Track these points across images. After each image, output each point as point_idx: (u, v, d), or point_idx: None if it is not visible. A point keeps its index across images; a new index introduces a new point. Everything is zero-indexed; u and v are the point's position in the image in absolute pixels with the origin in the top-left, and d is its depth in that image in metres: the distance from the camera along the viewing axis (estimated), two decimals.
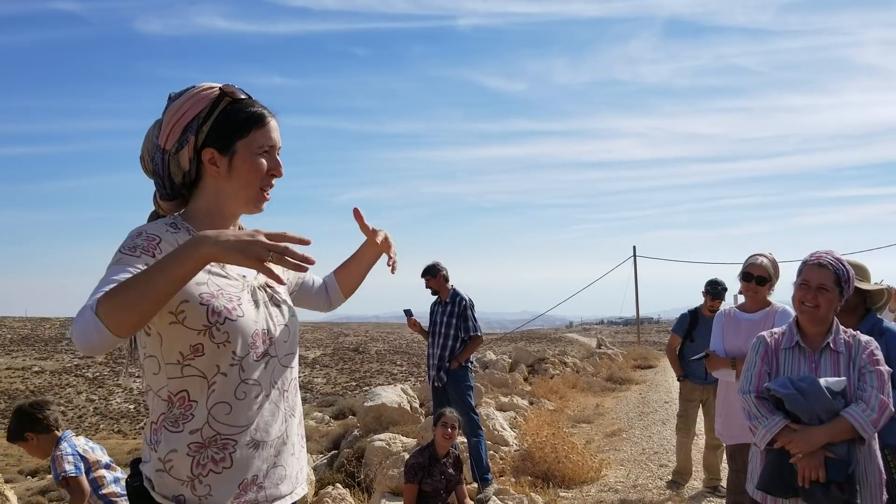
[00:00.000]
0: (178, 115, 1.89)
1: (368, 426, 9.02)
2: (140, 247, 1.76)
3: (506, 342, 35.78)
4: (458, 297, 6.92)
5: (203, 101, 1.89)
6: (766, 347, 3.18)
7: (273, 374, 1.90)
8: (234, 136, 1.90)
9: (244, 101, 1.93)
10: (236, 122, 1.90)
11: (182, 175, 1.93)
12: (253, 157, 1.91)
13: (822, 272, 3.05)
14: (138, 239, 1.79)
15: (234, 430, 1.82)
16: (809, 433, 2.88)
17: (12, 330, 47.80)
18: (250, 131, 1.91)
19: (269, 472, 1.88)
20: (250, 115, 1.92)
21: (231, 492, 1.80)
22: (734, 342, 4.43)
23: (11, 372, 38.28)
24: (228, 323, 1.80)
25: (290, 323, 2.00)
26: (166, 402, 1.81)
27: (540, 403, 12.27)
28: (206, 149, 1.89)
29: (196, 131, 1.88)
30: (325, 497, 6.13)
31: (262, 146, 1.92)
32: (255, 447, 1.85)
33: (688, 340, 6.94)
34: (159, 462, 1.79)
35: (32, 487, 16.14)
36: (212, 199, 1.94)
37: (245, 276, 1.93)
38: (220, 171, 1.90)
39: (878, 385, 2.93)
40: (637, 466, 7.93)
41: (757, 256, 4.47)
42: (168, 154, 1.90)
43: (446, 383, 6.77)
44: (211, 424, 1.79)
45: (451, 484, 5.25)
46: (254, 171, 1.91)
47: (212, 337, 1.78)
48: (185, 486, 1.78)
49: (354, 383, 34.56)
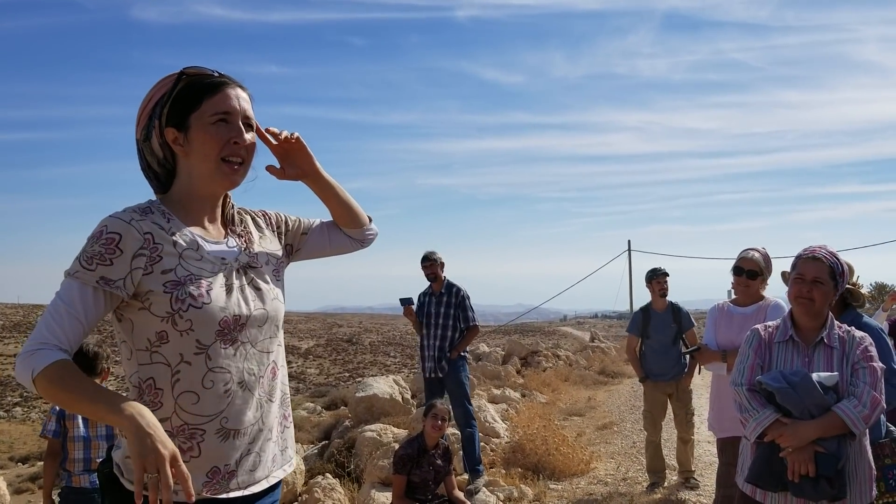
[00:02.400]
0: (143, 104, 1.89)
1: (360, 417, 9.02)
2: (97, 256, 1.73)
3: (499, 335, 35.83)
4: (454, 287, 6.89)
5: (165, 85, 1.87)
6: (759, 340, 3.16)
7: (246, 361, 1.86)
8: (187, 110, 1.85)
9: (203, 76, 1.88)
10: (189, 96, 1.85)
11: (158, 163, 1.91)
12: (206, 127, 1.84)
13: (818, 265, 3.04)
14: (97, 244, 1.74)
15: (202, 420, 1.79)
16: (799, 427, 2.86)
17: (4, 316, 47.66)
18: (201, 102, 1.85)
19: (242, 459, 1.85)
20: (202, 86, 1.86)
21: (199, 481, 1.78)
22: (726, 335, 4.42)
23: (4, 358, 38.17)
24: (192, 311, 1.76)
25: (271, 307, 1.94)
26: (136, 388, 1.80)
27: (532, 396, 12.29)
28: (168, 129, 1.86)
29: (159, 115, 1.86)
30: (315, 487, 6.12)
31: (215, 113, 1.85)
32: (226, 436, 1.82)
33: (644, 337, 6.94)
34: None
35: (23, 474, 16.10)
36: (184, 181, 1.91)
37: (224, 259, 1.89)
38: (184, 150, 1.87)
39: (870, 381, 2.91)
40: (627, 459, 7.94)
41: (748, 251, 4.46)
42: (140, 144, 1.90)
43: (445, 374, 6.74)
44: (178, 414, 1.77)
45: (440, 475, 5.24)
46: (208, 140, 1.84)
47: (174, 324, 1.76)
48: None
49: (348, 374, 34.58)
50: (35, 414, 31.79)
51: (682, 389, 6.81)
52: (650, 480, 6.83)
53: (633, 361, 7.11)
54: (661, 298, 6.93)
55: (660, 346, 6.77)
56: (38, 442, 24.87)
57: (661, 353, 6.74)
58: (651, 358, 6.86)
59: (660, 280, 6.94)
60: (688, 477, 6.76)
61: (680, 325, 6.81)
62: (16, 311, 50.34)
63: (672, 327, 6.80)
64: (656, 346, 6.79)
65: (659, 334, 6.79)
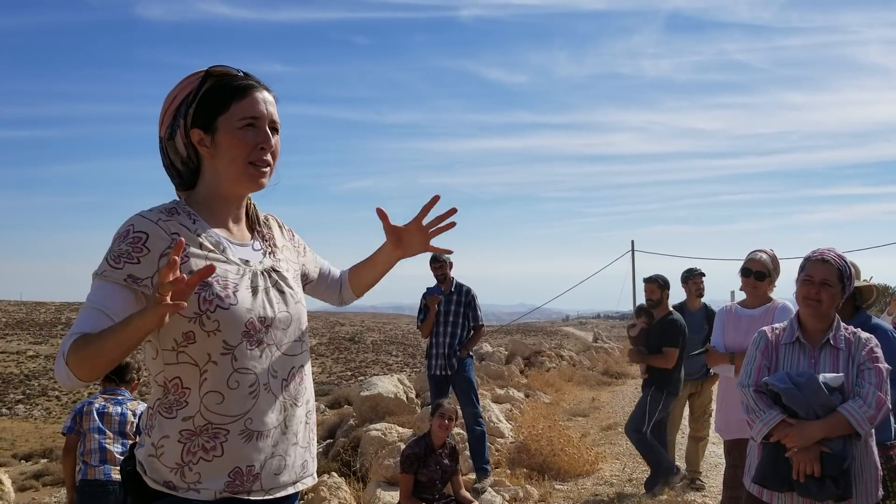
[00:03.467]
0: (168, 101, 1.89)
1: (364, 416, 9.03)
2: (124, 255, 1.74)
3: (502, 334, 35.85)
4: (463, 287, 6.93)
5: (191, 84, 1.87)
6: (766, 342, 3.19)
7: (271, 363, 1.86)
8: (214, 112, 1.85)
9: (230, 77, 1.88)
10: (217, 99, 1.85)
11: (181, 161, 1.91)
12: (234, 132, 1.84)
13: (826, 267, 3.07)
14: (124, 243, 1.76)
15: (226, 420, 1.79)
16: (805, 428, 2.89)
17: (7, 314, 47.75)
18: (230, 105, 1.84)
19: (266, 462, 1.84)
20: (230, 89, 1.86)
21: (221, 480, 1.78)
22: (734, 337, 4.43)
23: (6, 356, 38.27)
24: (219, 311, 1.77)
25: (294, 311, 1.96)
26: (162, 387, 1.81)
27: (536, 396, 12.30)
28: (194, 130, 1.86)
29: (184, 115, 1.86)
30: (321, 486, 6.14)
31: (244, 118, 1.85)
32: (249, 437, 1.81)
33: None
34: (152, 447, 1.79)
35: (27, 471, 16.15)
36: (210, 182, 1.92)
37: (248, 262, 1.91)
38: (209, 151, 1.87)
39: (876, 382, 2.94)
40: (632, 460, 7.95)
41: (757, 252, 4.48)
42: (163, 142, 1.90)
43: (454, 372, 6.78)
44: (203, 413, 1.78)
45: (447, 475, 5.26)
46: (237, 145, 1.85)
47: (202, 325, 1.76)
48: (175, 473, 1.77)
49: (350, 373, 34.61)
50: (37, 411, 31.86)
51: (704, 389, 6.84)
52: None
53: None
54: (696, 298, 6.96)
55: (690, 345, 6.75)
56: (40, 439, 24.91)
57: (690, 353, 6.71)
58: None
59: (696, 280, 6.98)
60: (694, 477, 6.77)
61: (711, 328, 6.77)
62: (18, 308, 50.43)
63: (704, 328, 6.79)
64: (686, 345, 6.80)
65: (691, 334, 6.80)
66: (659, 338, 6.45)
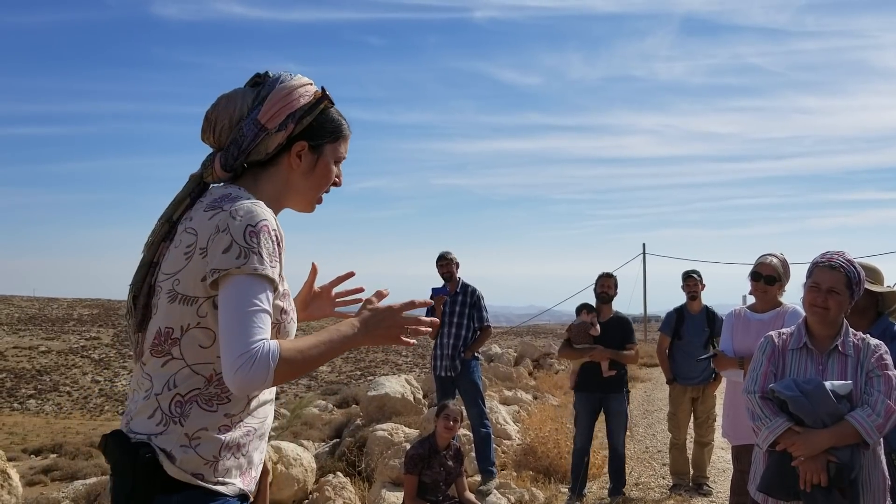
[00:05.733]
0: (286, 100, 1.91)
1: (371, 416, 9.02)
2: (275, 255, 1.78)
3: (511, 336, 35.77)
4: (469, 287, 6.90)
5: (308, 95, 1.95)
6: (773, 348, 3.14)
7: None
8: (325, 138, 1.98)
9: (334, 108, 2.02)
10: (330, 127, 1.99)
11: (259, 154, 1.93)
12: (331, 164, 2.01)
13: (834, 275, 3.00)
14: (269, 240, 1.77)
15: (255, 421, 1.89)
16: (812, 436, 2.85)
17: (20, 309, 48.05)
18: (338, 139, 2.01)
19: (259, 461, 1.95)
20: (341, 125, 2.02)
21: (239, 477, 1.84)
22: (744, 342, 4.39)
23: (18, 351, 38.50)
24: (291, 324, 1.92)
25: None
26: (205, 378, 1.78)
27: (544, 398, 12.26)
28: (300, 141, 1.93)
29: (296, 121, 1.92)
30: (326, 485, 6.13)
31: (340, 155, 2.03)
32: (262, 438, 1.93)
33: (676, 338, 6.91)
34: (185, 437, 1.75)
35: (35, 466, 16.23)
36: (280, 188, 1.97)
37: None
38: (300, 166, 1.95)
39: (885, 390, 2.89)
40: (640, 465, 7.91)
41: (766, 256, 4.44)
42: (266, 132, 1.90)
43: (458, 373, 6.74)
44: (247, 413, 1.85)
45: (451, 476, 5.24)
46: (328, 175, 2.01)
47: (278, 332, 1.84)
48: (209, 466, 1.77)
49: (359, 372, 34.63)
50: (49, 407, 32.05)
51: (707, 394, 6.80)
52: (673, 482, 6.84)
53: (663, 362, 7.07)
54: (692, 301, 6.93)
55: (691, 348, 6.71)
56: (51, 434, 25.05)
57: (691, 356, 6.64)
58: (680, 360, 6.83)
59: (688, 283, 6.97)
60: (701, 483, 6.74)
61: (713, 330, 6.73)
62: (31, 303, 50.74)
63: (705, 331, 6.76)
64: (687, 348, 6.76)
65: (691, 336, 6.76)
66: (620, 334, 6.37)
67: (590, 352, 6.29)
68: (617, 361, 6.28)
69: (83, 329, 43.61)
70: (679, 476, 6.83)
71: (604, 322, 6.41)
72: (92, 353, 39.01)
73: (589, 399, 6.36)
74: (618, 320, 6.46)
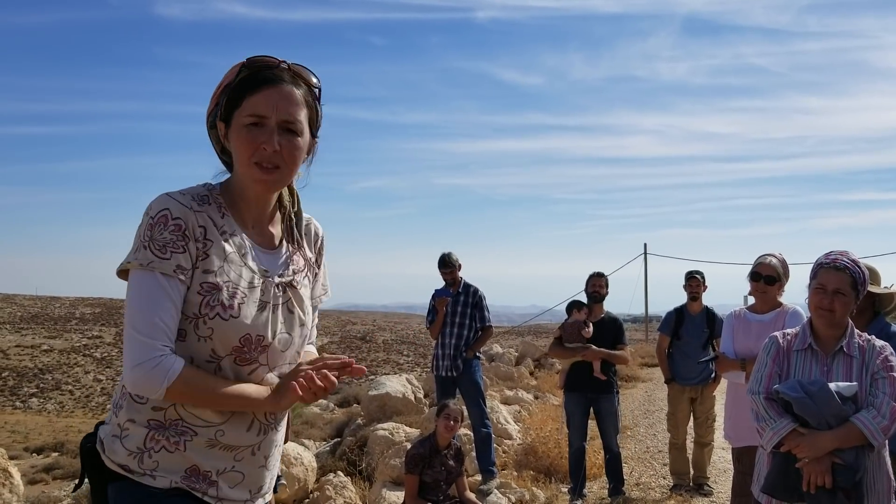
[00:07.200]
0: (215, 89, 1.79)
1: (372, 415, 9.02)
2: (170, 245, 1.66)
3: (513, 336, 35.79)
4: (471, 287, 6.89)
5: (232, 73, 1.76)
6: (777, 348, 3.12)
7: (258, 383, 1.77)
8: (233, 106, 1.74)
9: (262, 68, 1.75)
10: (234, 95, 1.74)
11: (222, 150, 1.84)
12: (239, 129, 1.73)
13: (840, 276, 2.97)
14: (166, 230, 1.67)
15: (198, 423, 1.73)
16: (817, 438, 2.82)
17: (22, 308, 48.13)
18: (243, 100, 1.72)
19: (225, 473, 1.78)
20: (249, 82, 1.73)
21: (177, 473, 1.72)
22: (744, 343, 4.37)
23: (20, 349, 38.57)
24: (218, 320, 1.70)
25: (297, 334, 1.86)
26: None
27: (545, 398, 12.24)
28: (219, 123, 1.78)
29: (222, 106, 1.77)
30: (326, 485, 6.12)
31: (250, 115, 1.71)
32: (213, 446, 1.75)
33: (675, 339, 6.88)
34: (117, 427, 1.74)
35: (37, 465, 16.26)
36: (235, 179, 1.83)
37: (267, 272, 1.81)
38: (230, 146, 1.78)
39: (890, 392, 2.87)
40: (641, 465, 7.89)
41: (766, 256, 4.42)
42: (208, 130, 1.84)
43: (459, 373, 6.73)
44: (176, 408, 1.72)
45: (452, 476, 5.22)
46: (240, 144, 1.73)
47: (196, 328, 1.70)
48: (133, 458, 1.71)
49: None
50: (51, 405, 32.11)
51: (706, 395, 6.78)
52: (673, 482, 6.82)
53: (662, 362, 7.04)
54: (692, 301, 6.91)
55: (689, 348, 6.70)
56: (53, 433, 25.08)
57: (690, 357, 6.62)
58: (679, 360, 6.81)
59: (690, 283, 6.95)
60: (702, 483, 6.73)
61: (712, 331, 6.71)
62: (34, 302, 50.82)
63: (704, 332, 6.74)
64: (686, 348, 6.74)
65: (690, 337, 6.74)
66: (612, 335, 6.31)
67: (582, 351, 6.21)
68: (608, 362, 6.25)
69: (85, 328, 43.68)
70: (679, 476, 6.82)
71: (595, 322, 6.36)
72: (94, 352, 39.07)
73: (580, 399, 6.32)
74: (609, 320, 6.41)
